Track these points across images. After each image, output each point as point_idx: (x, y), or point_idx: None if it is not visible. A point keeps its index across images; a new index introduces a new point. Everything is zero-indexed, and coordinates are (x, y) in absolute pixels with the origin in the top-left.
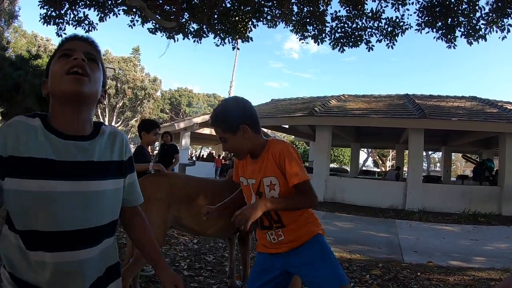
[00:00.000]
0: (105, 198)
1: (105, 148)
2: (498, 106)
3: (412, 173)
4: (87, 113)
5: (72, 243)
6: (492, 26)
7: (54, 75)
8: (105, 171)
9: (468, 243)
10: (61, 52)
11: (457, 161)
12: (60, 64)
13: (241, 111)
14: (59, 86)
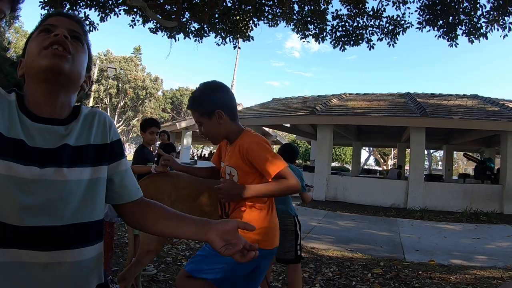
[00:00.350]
0: (81, 190)
1: (81, 131)
2: (499, 105)
3: (413, 171)
4: (66, 97)
5: (37, 243)
6: (493, 24)
7: (31, 51)
8: (81, 157)
9: (470, 241)
10: (41, 28)
11: (459, 159)
12: (38, 39)
13: (218, 96)
14: (36, 62)
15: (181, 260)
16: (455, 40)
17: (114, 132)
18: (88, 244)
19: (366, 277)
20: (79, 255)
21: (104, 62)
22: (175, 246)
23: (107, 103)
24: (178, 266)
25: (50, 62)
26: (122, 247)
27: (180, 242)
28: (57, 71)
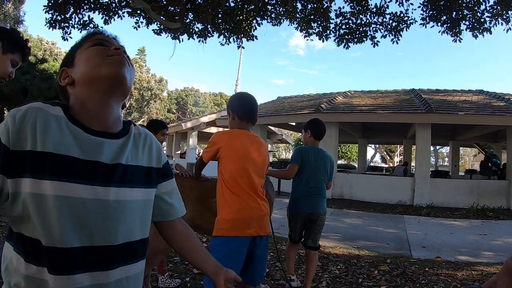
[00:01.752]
0: (135, 210)
1: (133, 149)
2: (505, 100)
3: (419, 168)
4: (118, 108)
5: (94, 263)
6: (497, 18)
7: (91, 58)
8: (135, 177)
9: (477, 238)
10: (93, 41)
11: (465, 155)
12: (97, 50)
13: (235, 101)
14: (98, 69)
15: None
16: (459, 35)
17: (164, 155)
18: (136, 260)
19: (373, 274)
20: (129, 271)
21: None
22: None
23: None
24: (186, 265)
25: (117, 70)
26: None
27: None
28: (121, 79)
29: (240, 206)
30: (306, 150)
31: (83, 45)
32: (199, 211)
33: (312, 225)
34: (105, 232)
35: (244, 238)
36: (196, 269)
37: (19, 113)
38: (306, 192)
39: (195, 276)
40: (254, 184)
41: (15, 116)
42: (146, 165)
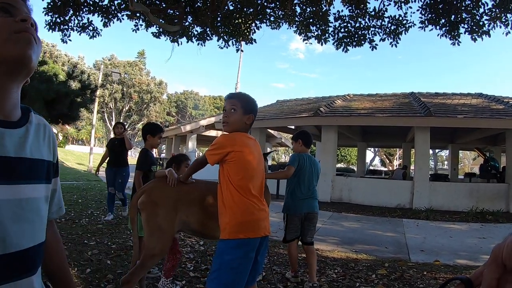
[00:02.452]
0: (40, 209)
1: (36, 142)
2: (504, 103)
3: (419, 171)
4: (18, 92)
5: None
6: (496, 21)
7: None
8: (38, 172)
9: (476, 241)
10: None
11: (465, 158)
12: (1, 22)
13: (257, 108)
14: (1, 49)
15: (185, 263)
16: (457, 38)
17: (56, 149)
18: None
19: (371, 278)
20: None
21: (108, 67)
22: (179, 248)
23: (112, 107)
24: (182, 268)
25: (23, 51)
26: (127, 249)
27: (184, 245)
28: (27, 61)
29: (253, 208)
30: (303, 156)
31: None
32: (196, 215)
33: (309, 223)
34: (20, 236)
35: (257, 239)
36: (192, 272)
37: None
38: (305, 194)
39: (191, 280)
40: (261, 186)
41: None
42: (46, 159)
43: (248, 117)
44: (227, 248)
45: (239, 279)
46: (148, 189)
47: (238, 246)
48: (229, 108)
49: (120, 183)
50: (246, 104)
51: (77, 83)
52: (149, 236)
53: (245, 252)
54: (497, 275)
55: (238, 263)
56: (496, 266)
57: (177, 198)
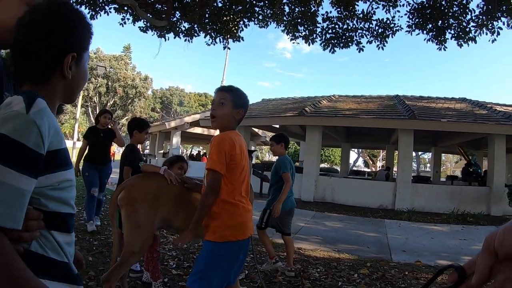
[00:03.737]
0: None
1: None
2: (487, 108)
3: (401, 173)
4: None
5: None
6: (482, 28)
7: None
8: None
9: (457, 242)
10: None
11: (447, 161)
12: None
13: (247, 103)
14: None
15: (167, 260)
16: (444, 43)
17: None
18: None
19: (353, 277)
20: None
21: (94, 60)
22: (162, 246)
23: (97, 101)
24: (165, 266)
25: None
26: (109, 247)
27: (167, 242)
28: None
29: (242, 210)
30: (289, 159)
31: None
32: (176, 212)
33: (290, 217)
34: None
35: (246, 240)
36: (174, 270)
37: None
38: (290, 192)
39: (173, 277)
40: (248, 186)
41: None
42: None
43: (238, 111)
44: (216, 249)
45: (224, 279)
46: (128, 185)
47: (228, 248)
48: (217, 101)
49: (105, 183)
50: (236, 97)
51: None
52: (129, 233)
53: (235, 253)
54: (489, 263)
55: (227, 264)
56: (488, 254)
57: (158, 195)
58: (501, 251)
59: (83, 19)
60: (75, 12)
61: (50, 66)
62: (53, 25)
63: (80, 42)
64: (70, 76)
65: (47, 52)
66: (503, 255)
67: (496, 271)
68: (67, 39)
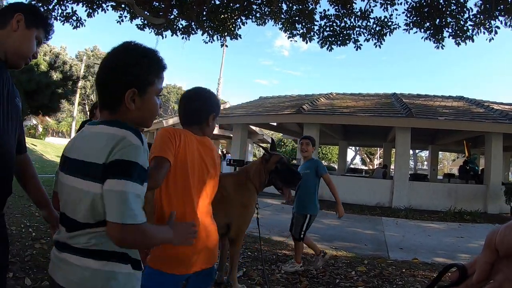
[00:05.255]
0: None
1: None
2: (484, 106)
3: (399, 171)
4: None
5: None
6: (480, 27)
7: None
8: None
9: (454, 240)
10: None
11: (444, 159)
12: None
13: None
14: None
15: None
16: (441, 42)
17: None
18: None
19: (350, 275)
20: None
21: (91, 58)
22: None
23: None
24: None
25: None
26: None
27: None
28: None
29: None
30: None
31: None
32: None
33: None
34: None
35: (185, 275)
36: None
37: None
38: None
39: None
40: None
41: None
42: None
43: (214, 121)
44: (149, 275)
45: None
46: None
47: (159, 279)
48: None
49: None
50: (210, 109)
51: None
52: None
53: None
54: (490, 260)
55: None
56: (489, 252)
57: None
58: (502, 248)
59: (149, 56)
60: (138, 50)
61: (116, 99)
62: (113, 65)
63: (142, 78)
64: (133, 107)
65: (112, 88)
66: (504, 252)
67: (496, 271)
68: (124, 77)
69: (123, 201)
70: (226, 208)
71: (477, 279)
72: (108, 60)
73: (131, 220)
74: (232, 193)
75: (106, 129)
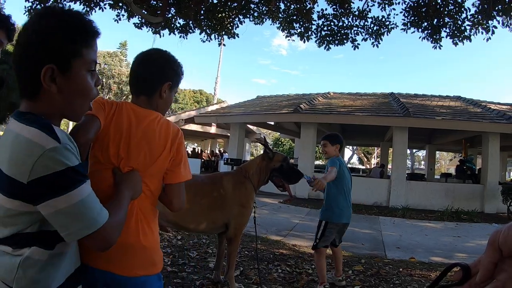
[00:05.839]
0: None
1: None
2: (481, 106)
3: (396, 170)
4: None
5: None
6: (478, 27)
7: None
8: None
9: (451, 239)
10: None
11: (441, 159)
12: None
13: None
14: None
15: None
16: (439, 42)
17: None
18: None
19: (347, 274)
20: None
21: None
22: None
23: None
24: None
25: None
26: None
27: (161, 239)
28: None
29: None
30: (340, 159)
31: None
32: None
33: (342, 234)
34: None
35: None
36: (169, 267)
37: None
38: (347, 203)
39: (168, 274)
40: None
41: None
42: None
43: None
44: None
45: None
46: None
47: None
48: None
49: None
50: (167, 77)
51: None
52: None
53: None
54: (494, 260)
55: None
56: (493, 251)
57: None
58: (505, 247)
59: (69, 20)
60: (55, 15)
61: (33, 83)
62: (24, 39)
63: (61, 49)
64: (55, 89)
65: (25, 66)
66: (507, 251)
67: (499, 271)
68: (38, 51)
69: (80, 216)
70: (224, 207)
71: (481, 279)
72: (20, 35)
73: (96, 225)
74: (231, 192)
75: (14, 126)
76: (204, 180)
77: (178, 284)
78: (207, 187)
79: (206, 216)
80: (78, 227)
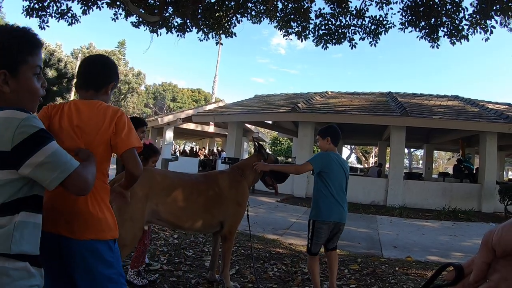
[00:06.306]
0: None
1: None
2: (479, 106)
3: (393, 169)
4: None
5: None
6: (476, 27)
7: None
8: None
9: (448, 239)
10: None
11: (439, 158)
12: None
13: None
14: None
15: (158, 256)
16: (436, 41)
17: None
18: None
19: (343, 273)
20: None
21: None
22: (153, 241)
23: None
24: (156, 261)
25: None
26: None
27: (158, 238)
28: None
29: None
30: (329, 155)
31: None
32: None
33: (336, 235)
34: None
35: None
36: (165, 265)
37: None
38: (335, 199)
39: (164, 273)
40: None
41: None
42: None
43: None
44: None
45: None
46: (118, 179)
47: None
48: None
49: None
50: (113, 77)
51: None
52: (120, 226)
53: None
54: (487, 260)
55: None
56: (486, 251)
57: (147, 187)
58: (498, 248)
59: (16, 35)
60: (5, 31)
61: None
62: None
63: (10, 58)
64: (7, 90)
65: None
66: (501, 252)
67: (493, 271)
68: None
69: (55, 163)
70: (220, 206)
71: (474, 279)
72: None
73: (70, 168)
74: (227, 191)
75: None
76: (199, 178)
77: (174, 282)
78: (203, 185)
79: (201, 215)
80: (57, 173)
